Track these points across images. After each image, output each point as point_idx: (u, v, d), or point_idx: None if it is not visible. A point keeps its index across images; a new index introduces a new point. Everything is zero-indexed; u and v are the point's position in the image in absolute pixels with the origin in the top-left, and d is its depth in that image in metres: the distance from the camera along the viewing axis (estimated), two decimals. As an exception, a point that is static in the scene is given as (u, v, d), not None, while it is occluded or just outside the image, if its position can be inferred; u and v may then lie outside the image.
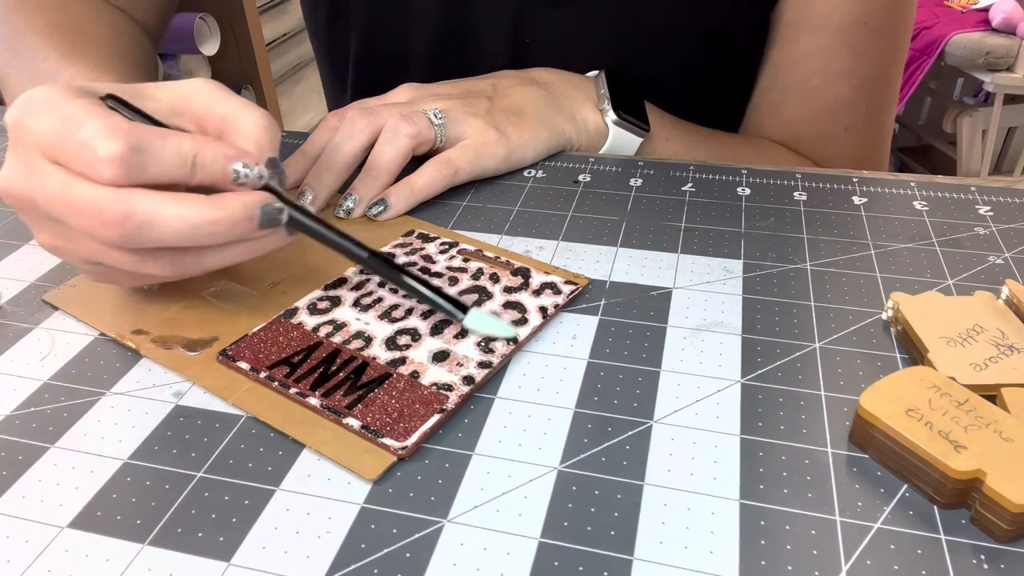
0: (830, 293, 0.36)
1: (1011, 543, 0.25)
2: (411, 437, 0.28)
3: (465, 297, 0.36)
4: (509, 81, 0.49)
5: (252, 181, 0.31)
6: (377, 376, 0.31)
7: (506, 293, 0.36)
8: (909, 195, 0.44)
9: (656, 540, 0.25)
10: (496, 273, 0.37)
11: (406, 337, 0.33)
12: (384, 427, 0.28)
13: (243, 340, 0.33)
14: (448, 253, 0.39)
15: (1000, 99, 1.66)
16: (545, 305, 0.35)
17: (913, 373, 0.28)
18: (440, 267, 0.38)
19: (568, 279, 0.37)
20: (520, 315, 0.34)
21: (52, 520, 0.26)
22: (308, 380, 0.31)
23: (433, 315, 0.34)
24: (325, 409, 0.29)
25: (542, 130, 0.47)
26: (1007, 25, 1.60)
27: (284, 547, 0.25)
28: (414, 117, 0.43)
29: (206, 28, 1.44)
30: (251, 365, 0.31)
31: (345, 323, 0.34)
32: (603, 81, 0.51)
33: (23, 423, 0.30)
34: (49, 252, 0.32)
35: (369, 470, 0.27)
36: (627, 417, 0.29)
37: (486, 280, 0.37)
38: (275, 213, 0.31)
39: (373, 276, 0.37)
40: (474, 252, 0.39)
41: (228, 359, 0.32)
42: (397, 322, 0.34)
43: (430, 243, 0.40)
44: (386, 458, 0.28)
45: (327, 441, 0.28)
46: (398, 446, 0.28)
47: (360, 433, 0.28)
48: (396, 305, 0.35)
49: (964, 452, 0.25)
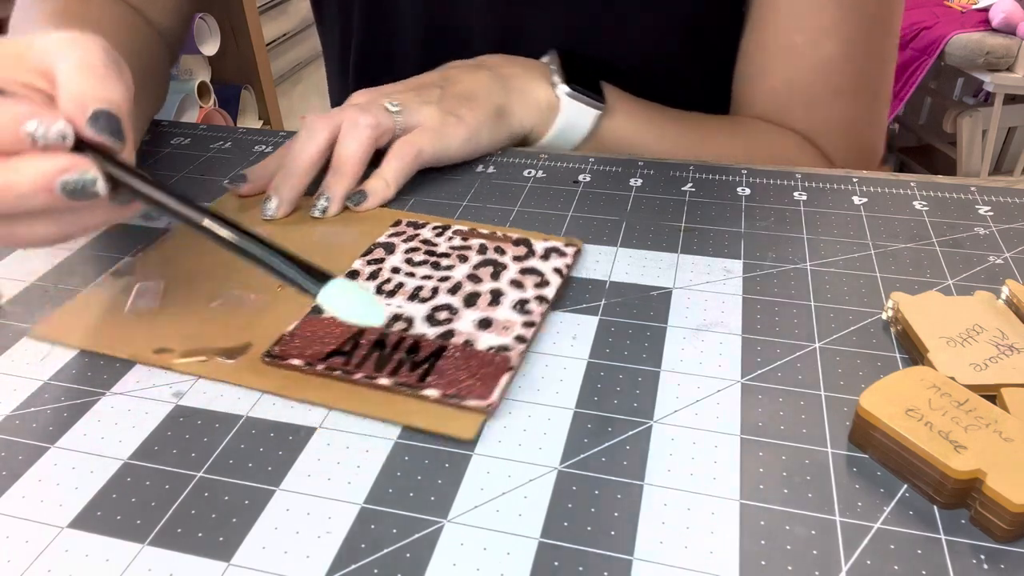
0: (830, 293, 0.36)
1: (1011, 543, 0.25)
2: (493, 394, 0.29)
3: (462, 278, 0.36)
4: (458, 70, 0.49)
5: (55, 143, 0.27)
6: (433, 350, 0.32)
7: (518, 262, 0.37)
8: (909, 195, 0.44)
9: (656, 540, 0.25)
10: (500, 247, 0.38)
11: (444, 312, 0.34)
12: (464, 391, 0.29)
13: (283, 340, 0.32)
14: (445, 235, 0.40)
15: (1000, 99, 1.66)
16: (558, 267, 0.37)
17: (913, 373, 0.28)
18: (443, 248, 0.38)
19: (567, 242, 0.39)
20: (540, 278, 0.36)
21: (52, 520, 0.26)
22: (368, 365, 0.31)
23: (460, 290, 0.35)
24: (399, 386, 0.30)
25: (493, 111, 0.47)
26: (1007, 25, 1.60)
27: (284, 547, 0.25)
28: (371, 109, 0.44)
29: (206, 28, 1.44)
30: (305, 361, 0.31)
31: (401, 314, 0.34)
32: (554, 57, 0.51)
33: (23, 423, 0.30)
34: None
35: (466, 431, 0.28)
36: (627, 417, 0.29)
37: (494, 254, 0.38)
38: (84, 184, 0.27)
39: (385, 264, 0.37)
40: (469, 231, 0.40)
41: (277, 359, 0.31)
42: (428, 301, 0.35)
43: (422, 229, 0.40)
44: (477, 417, 0.29)
45: (413, 413, 0.29)
46: (484, 404, 0.29)
47: (442, 401, 0.29)
48: (420, 287, 0.36)
49: (964, 452, 0.25)
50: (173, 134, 0.54)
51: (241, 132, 0.54)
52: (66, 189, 0.27)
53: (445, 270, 0.37)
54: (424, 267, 0.37)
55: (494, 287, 0.36)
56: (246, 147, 0.51)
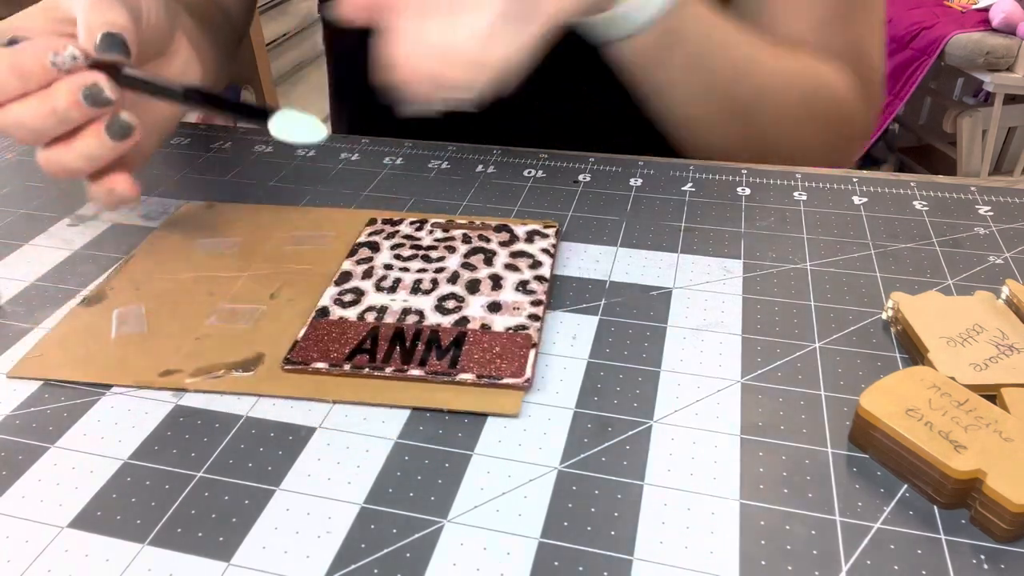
0: (830, 293, 0.36)
1: (1011, 543, 0.25)
2: (526, 371, 0.31)
3: (473, 261, 0.37)
4: None
5: (72, 64, 0.33)
6: (454, 337, 0.32)
7: (504, 247, 0.38)
8: (909, 195, 0.44)
9: (656, 540, 0.25)
10: (483, 234, 0.39)
11: (452, 301, 0.35)
12: (497, 371, 0.31)
13: (297, 346, 0.32)
14: (425, 229, 0.40)
15: (1000, 99, 1.66)
16: (545, 247, 0.38)
17: (913, 373, 0.28)
18: (428, 241, 0.39)
19: (545, 224, 0.40)
20: (531, 259, 0.37)
21: (52, 520, 0.26)
22: (395, 359, 0.31)
23: (459, 279, 0.36)
24: (432, 375, 0.31)
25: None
26: (1007, 25, 1.61)
27: (284, 547, 0.25)
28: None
29: (206, 28, 1.44)
30: (330, 362, 0.31)
31: (385, 306, 0.34)
32: None
33: (23, 423, 0.30)
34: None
35: (511, 407, 0.29)
36: (627, 417, 0.29)
37: (479, 241, 0.38)
38: (94, 91, 0.33)
39: (375, 262, 0.37)
40: (447, 223, 0.40)
41: (298, 365, 0.31)
42: (431, 293, 0.35)
43: (400, 225, 0.40)
44: (517, 394, 0.30)
45: (453, 399, 0.30)
46: (520, 381, 0.30)
47: (477, 383, 0.30)
48: (419, 280, 0.36)
49: (964, 452, 0.25)
50: (173, 134, 0.54)
51: (241, 132, 0.54)
52: (86, 97, 0.33)
53: (437, 261, 0.37)
54: (416, 261, 0.37)
55: (491, 272, 0.36)
56: (246, 147, 0.51)
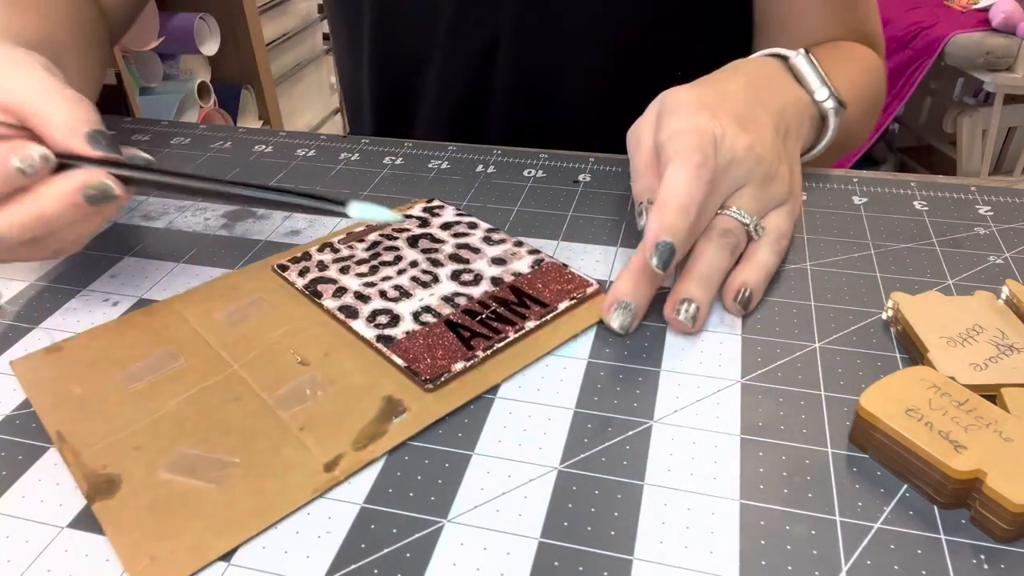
0: (830, 293, 0.36)
1: (1011, 543, 0.25)
2: (590, 280, 0.36)
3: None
4: (759, 135, 0.37)
5: (42, 166, 0.30)
6: (512, 289, 0.35)
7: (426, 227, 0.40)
8: (909, 195, 0.44)
9: (656, 540, 0.25)
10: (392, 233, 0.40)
11: (465, 275, 0.37)
12: (572, 292, 0.35)
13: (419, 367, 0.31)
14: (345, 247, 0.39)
15: (1000, 99, 1.66)
16: (460, 214, 0.42)
17: (913, 373, 0.28)
18: (364, 255, 0.38)
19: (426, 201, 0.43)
20: (466, 226, 0.40)
21: (52, 520, 0.26)
22: (478, 338, 0.33)
23: (439, 264, 0.37)
24: (541, 321, 0.34)
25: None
26: (1007, 25, 1.60)
27: (284, 547, 0.25)
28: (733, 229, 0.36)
29: (206, 28, 1.44)
30: (464, 360, 0.31)
31: (427, 305, 0.35)
32: (805, 60, 0.42)
33: (23, 423, 0.30)
34: None
35: (593, 318, 0.34)
36: (627, 417, 0.29)
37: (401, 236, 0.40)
38: (105, 190, 0.31)
39: (352, 288, 0.35)
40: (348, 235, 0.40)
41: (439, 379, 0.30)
42: (438, 283, 0.36)
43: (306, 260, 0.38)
44: (597, 300, 0.35)
45: (556, 334, 0.33)
46: (595, 288, 0.35)
47: (560, 312, 0.34)
48: (415, 277, 0.37)
49: (964, 452, 0.25)
50: (173, 134, 0.54)
51: (241, 132, 0.54)
52: (90, 198, 0.31)
53: (397, 263, 0.37)
54: (386, 268, 0.37)
55: (456, 245, 0.39)
56: (246, 147, 0.51)
